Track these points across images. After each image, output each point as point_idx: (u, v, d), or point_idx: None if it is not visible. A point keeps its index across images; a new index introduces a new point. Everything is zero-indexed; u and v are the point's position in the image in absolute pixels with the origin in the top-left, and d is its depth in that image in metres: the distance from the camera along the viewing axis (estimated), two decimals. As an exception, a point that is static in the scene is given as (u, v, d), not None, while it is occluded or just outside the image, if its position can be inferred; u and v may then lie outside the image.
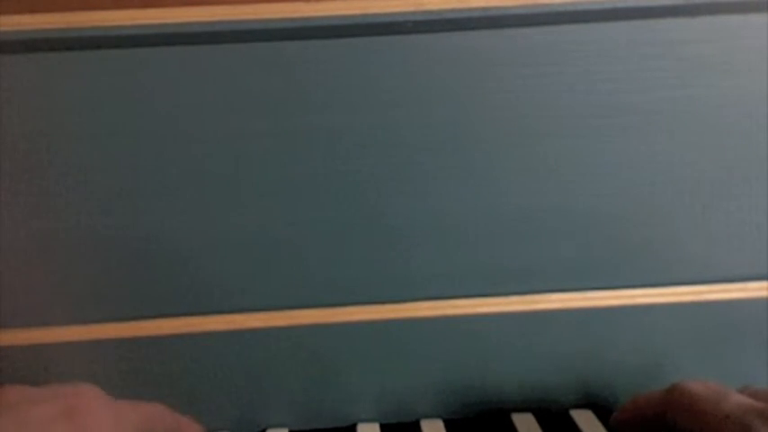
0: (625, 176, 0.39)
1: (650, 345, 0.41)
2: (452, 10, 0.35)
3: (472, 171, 0.39)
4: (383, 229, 0.39)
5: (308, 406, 0.41)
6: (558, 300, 0.41)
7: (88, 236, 0.38)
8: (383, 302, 0.40)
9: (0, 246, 0.38)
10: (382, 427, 0.41)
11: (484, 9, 0.36)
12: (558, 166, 0.39)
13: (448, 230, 0.39)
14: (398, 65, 0.37)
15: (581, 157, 0.39)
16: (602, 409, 0.42)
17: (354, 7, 0.35)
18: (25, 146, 0.37)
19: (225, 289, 0.40)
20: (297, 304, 0.40)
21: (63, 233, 0.38)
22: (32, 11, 0.35)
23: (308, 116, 0.37)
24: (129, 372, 0.40)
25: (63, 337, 0.39)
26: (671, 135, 0.39)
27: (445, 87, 0.37)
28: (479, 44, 0.36)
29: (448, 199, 0.39)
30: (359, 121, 0.37)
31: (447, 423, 0.42)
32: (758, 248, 0.40)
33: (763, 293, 0.41)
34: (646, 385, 0.42)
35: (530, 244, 0.40)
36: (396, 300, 0.40)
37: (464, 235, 0.40)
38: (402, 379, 0.41)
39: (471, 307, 0.40)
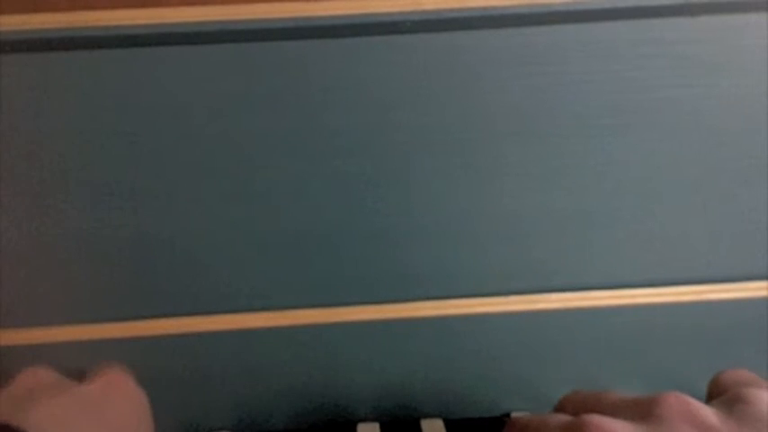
0: (625, 176, 0.39)
1: (650, 345, 0.41)
2: (451, 10, 0.35)
3: (472, 171, 0.39)
4: (383, 229, 0.39)
5: (308, 406, 0.41)
6: (558, 300, 0.41)
7: (88, 236, 0.38)
8: (383, 302, 0.40)
9: (0, 246, 0.38)
10: (382, 426, 0.41)
11: (483, 9, 0.36)
12: (558, 166, 0.39)
13: (448, 230, 0.39)
14: (398, 64, 0.37)
15: (581, 157, 0.39)
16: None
17: (353, 7, 0.35)
18: (25, 146, 0.37)
19: (225, 289, 0.40)
20: (297, 304, 0.40)
21: (63, 233, 0.38)
22: (32, 11, 0.35)
23: (307, 116, 0.37)
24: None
25: (63, 337, 0.39)
26: (671, 135, 0.38)
27: (445, 87, 0.37)
28: (479, 44, 0.36)
29: (448, 199, 0.39)
30: (358, 121, 0.37)
31: (447, 423, 0.42)
32: (758, 248, 0.40)
33: (763, 293, 0.41)
34: (646, 384, 0.42)
35: (529, 244, 0.40)
36: (396, 300, 0.40)
37: (464, 235, 0.40)
38: (402, 379, 0.41)
39: (471, 307, 0.40)
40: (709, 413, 0.24)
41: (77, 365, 0.38)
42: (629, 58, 0.37)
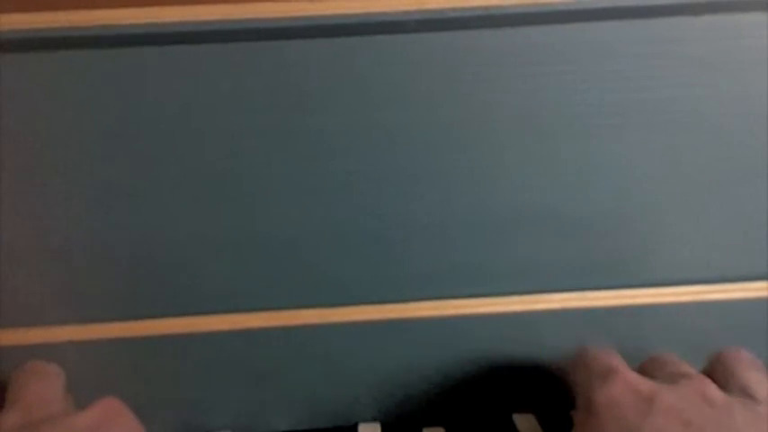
0: (625, 176, 0.39)
1: (650, 345, 0.41)
2: (454, 9, 0.35)
3: (472, 171, 0.39)
4: (383, 228, 0.39)
5: (308, 406, 0.41)
6: (558, 300, 0.41)
7: (88, 236, 0.38)
8: (383, 302, 0.40)
9: (0, 246, 0.38)
10: (383, 426, 0.41)
11: (485, 8, 0.35)
12: (558, 166, 0.39)
13: (447, 230, 0.39)
14: (399, 64, 0.37)
15: (581, 157, 0.39)
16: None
17: (355, 6, 0.35)
18: (25, 146, 0.37)
19: (225, 289, 0.40)
20: (297, 304, 0.40)
21: (63, 233, 0.38)
22: (33, 10, 0.35)
23: (307, 116, 0.37)
24: (130, 372, 0.40)
25: (63, 336, 0.39)
26: (671, 135, 0.39)
27: (446, 87, 0.37)
28: (480, 43, 0.36)
29: (448, 199, 0.39)
30: (359, 121, 0.37)
31: (447, 423, 0.42)
32: (758, 248, 0.40)
33: (763, 293, 0.41)
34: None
35: (529, 244, 0.40)
36: (396, 300, 0.40)
37: (464, 235, 0.40)
38: (402, 378, 0.41)
39: (471, 307, 0.40)
40: None
41: (77, 366, 0.39)
42: (629, 58, 0.37)
